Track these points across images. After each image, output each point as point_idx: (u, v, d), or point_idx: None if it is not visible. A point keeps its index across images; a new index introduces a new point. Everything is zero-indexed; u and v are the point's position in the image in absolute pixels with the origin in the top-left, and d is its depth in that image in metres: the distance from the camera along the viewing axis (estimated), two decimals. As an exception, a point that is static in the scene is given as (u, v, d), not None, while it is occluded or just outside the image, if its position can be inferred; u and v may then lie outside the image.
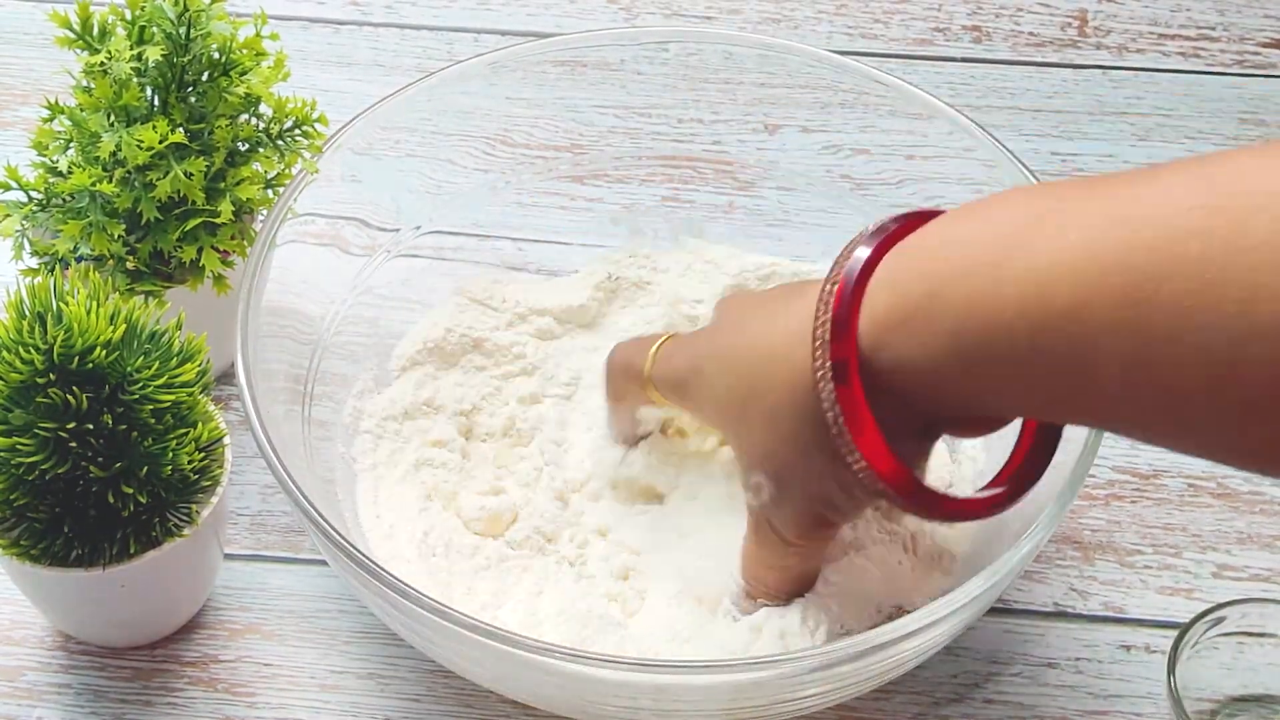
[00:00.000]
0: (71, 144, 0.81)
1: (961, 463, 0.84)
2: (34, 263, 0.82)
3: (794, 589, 0.75)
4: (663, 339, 0.78)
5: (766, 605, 0.75)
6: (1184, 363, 0.56)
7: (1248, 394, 0.55)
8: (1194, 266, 0.55)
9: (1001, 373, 0.61)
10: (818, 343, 0.65)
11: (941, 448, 0.83)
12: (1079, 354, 0.58)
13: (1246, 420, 0.56)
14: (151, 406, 0.72)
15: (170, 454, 0.73)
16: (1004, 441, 0.74)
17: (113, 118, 0.80)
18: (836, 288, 0.65)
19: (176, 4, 0.81)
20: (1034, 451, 0.70)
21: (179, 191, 0.81)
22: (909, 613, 0.71)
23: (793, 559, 0.74)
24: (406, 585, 0.69)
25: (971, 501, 0.69)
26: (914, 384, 0.64)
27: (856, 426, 0.65)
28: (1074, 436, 0.74)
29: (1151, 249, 0.56)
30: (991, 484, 0.70)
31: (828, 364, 0.64)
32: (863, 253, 0.66)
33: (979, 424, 0.69)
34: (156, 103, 0.82)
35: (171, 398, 0.73)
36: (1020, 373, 0.61)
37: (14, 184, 0.81)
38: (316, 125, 0.84)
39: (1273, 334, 0.53)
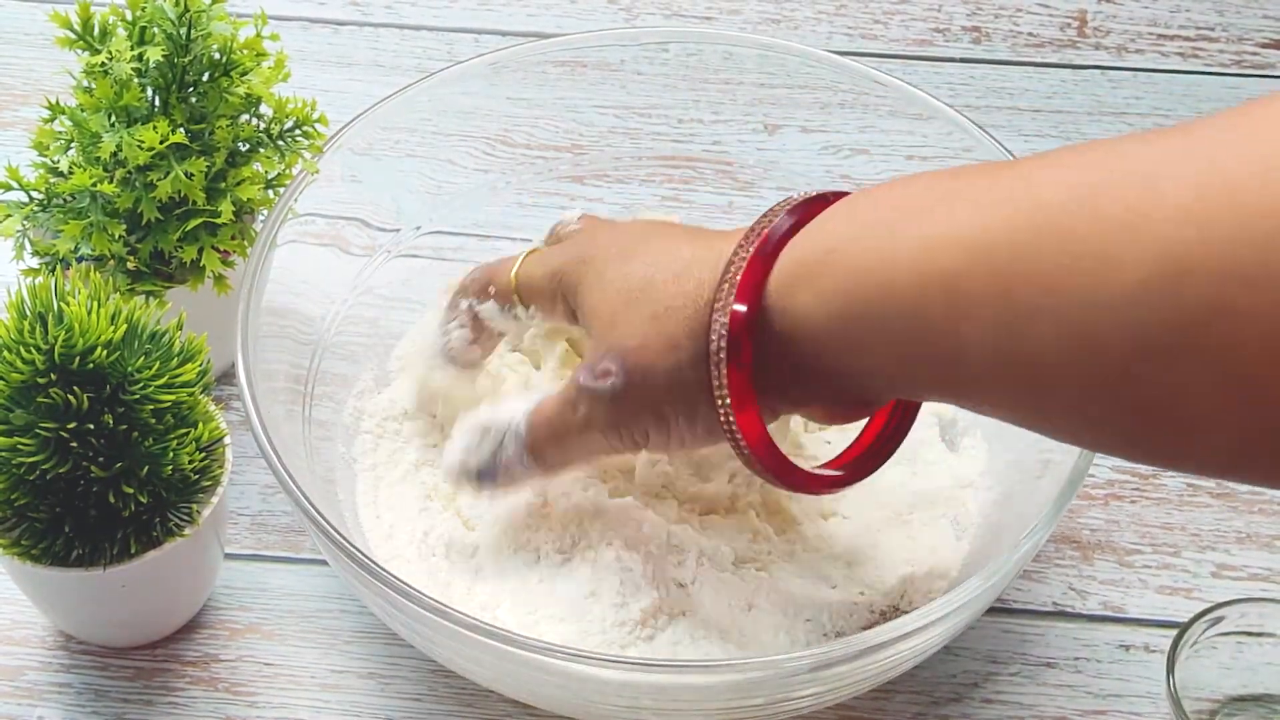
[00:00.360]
0: (72, 144, 0.81)
1: (962, 454, 0.84)
2: (35, 263, 0.82)
3: (561, 469, 0.76)
4: (530, 249, 0.79)
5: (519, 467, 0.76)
6: (1045, 336, 0.57)
7: (1102, 367, 0.56)
8: (1063, 242, 0.57)
9: (884, 338, 0.63)
10: (726, 280, 0.67)
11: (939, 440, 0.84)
12: (952, 323, 0.60)
13: (1098, 394, 0.57)
14: (152, 406, 0.73)
15: (171, 454, 0.73)
16: (1005, 438, 0.74)
17: (113, 118, 0.81)
18: (754, 249, 0.67)
19: (177, 4, 0.81)
20: (881, 435, 0.74)
21: (179, 192, 0.81)
22: (906, 613, 0.71)
23: (589, 448, 0.74)
24: (406, 585, 0.70)
25: (814, 478, 0.72)
26: (803, 345, 0.66)
27: (734, 374, 0.67)
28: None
29: (1032, 227, 0.58)
30: (833, 463, 0.73)
31: (724, 329, 0.66)
32: (785, 221, 0.68)
33: (844, 406, 0.70)
34: (157, 103, 0.82)
35: (172, 398, 0.73)
36: (900, 339, 0.63)
37: (15, 184, 0.81)
38: (317, 125, 0.84)
39: (1124, 303, 0.55)
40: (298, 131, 0.84)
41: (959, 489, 0.83)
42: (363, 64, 1.07)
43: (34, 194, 0.82)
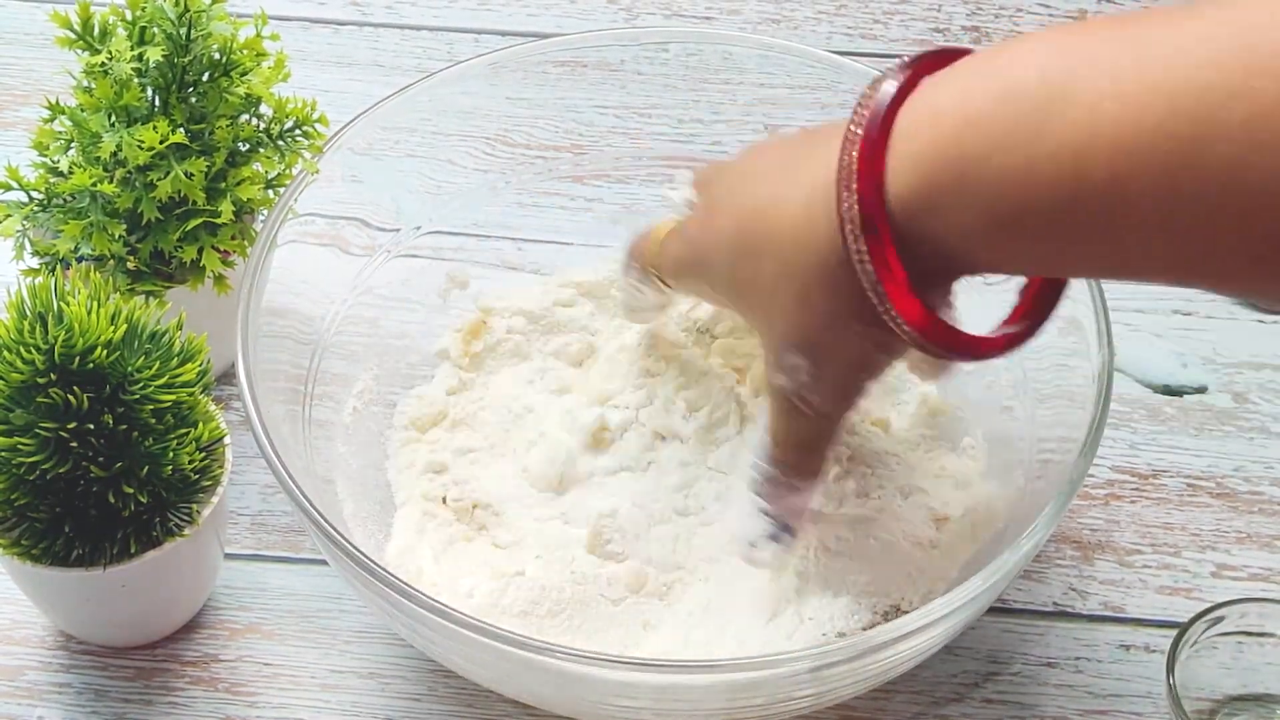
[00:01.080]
0: (72, 144, 0.81)
1: (962, 454, 0.84)
2: (35, 263, 0.82)
3: (820, 462, 0.75)
4: (665, 227, 0.78)
5: (796, 488, 0.75)
6: (1228, 223, 0.56)
7: None
8: (1240, 130, 0.55)
9: (1036, 244, 0.62)
10: (844, 218, 0.64)
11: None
12: (1119, 226, 0.59)
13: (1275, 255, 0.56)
14: (152, 406, 0.73)
15: (171, 454, 0.73)
16: (1005, 438, 0.74)
17: (113, 118, 0.81)
18: (858, 161, 0.64)
19: (177, 4, 0.81)
20: (1042, 290, 0.70)
21: (179, 191, 0.81)
22: (907, 612, 0.71)
23: (825, 431, 0.73)
24: (406, 585, 0.70)
25: (993, 340, 0.69)
26: (946, 252, 0.64)
27: (897, 296, 0.65)
28: (1073, 436, 0.74)
29: (1194, 117, 0.56)
30: (1006, 324, 0.70)
31: (862, 240, 0.64)
32: (884, 99, 0.64)
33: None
34: (157, 103, 0.82)
35: (172, 398, 0.73)
36: (1056, 243, 0.61)
37: (15, 184, 0.81)
38: (317, 125, 0.84)
39: None
40: (298, 131, 0.84)
41: (959, 489, 0.83)
42: (363, 64, 1.07)
43: (34, 194, 0.82)
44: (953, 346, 0.66)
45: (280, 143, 0.84)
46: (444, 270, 0.90)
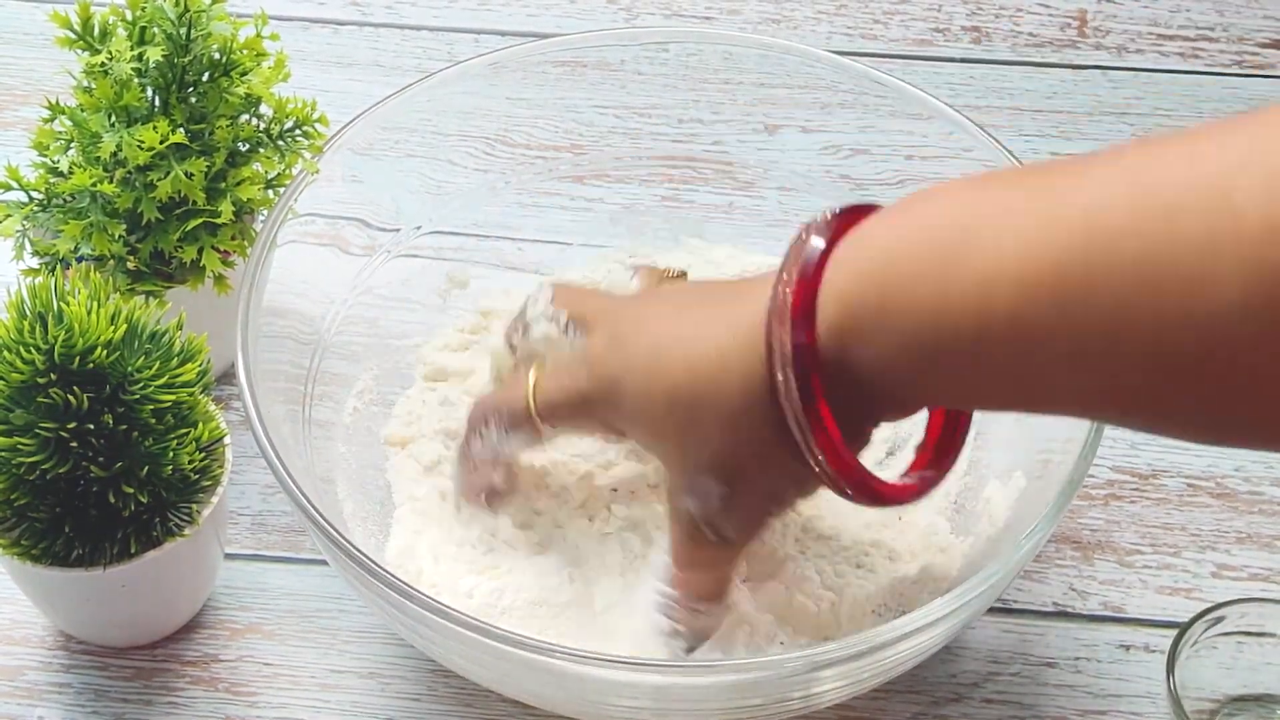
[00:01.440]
0: (72, 144, 0.81)
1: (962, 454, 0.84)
2: (35, 263, 0.82)
3: (726, 585, 0.75)
4: (534, 371, 0.77)
5: (700, 611, 0.75)
6: (1124, 357, 0.57)
7: (1185, 380, 0.56)
8: (1130, 268, 0.56)
9: (953, 375, 0.63)
10: (776, 350, 0.65)
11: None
12: (1023, 357, 0.60)
13: (1185, 400, 0.57)
14: (152, 406, 0.73)
15: (171, 454, 0.73)
16: (1006, 439, 0.74)
17: (113, 118, 0.80)
18: (790, 295, 0.65)
19: (177, 4, 0.81)
20: (947, 429, 0.72)
21: (179, 191, 0.81)
22: (906, 613, 0.71)
23: (729, 558, 0.74)
24: (406, 585, 0.69)
25: (905, 488, 0.71)
26: (868, 384, 0.65)
27: (819, 430, 0.66)
28: (1073, 436, 0.74)
29: (1086, 252, 0.57)
30: (914, 468, 0.72)
31: (790, 373, 0.65)
32: (814, 249, 0.66)
33: (906, 415, 0.70)
34: (157, 103, 0.82)
35: (172, 398, 0.73)
36: (970, 375, 0.62)
37: (15, 184, 0.81)
38: (317, 125, 0.84)
39: (1207, 322, 0.55)
40: (298, 131, 0.84)
41: (959, 489, 0.83)
42: (363, 64, 1.07)
43: (34, 194, 0.82)
44: (866, 493, 0.68)
45: (280, 143, 0.84)
46: (444, 270, 0.90)
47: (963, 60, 1.08)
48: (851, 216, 0.67)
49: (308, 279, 0.84)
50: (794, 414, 0.65)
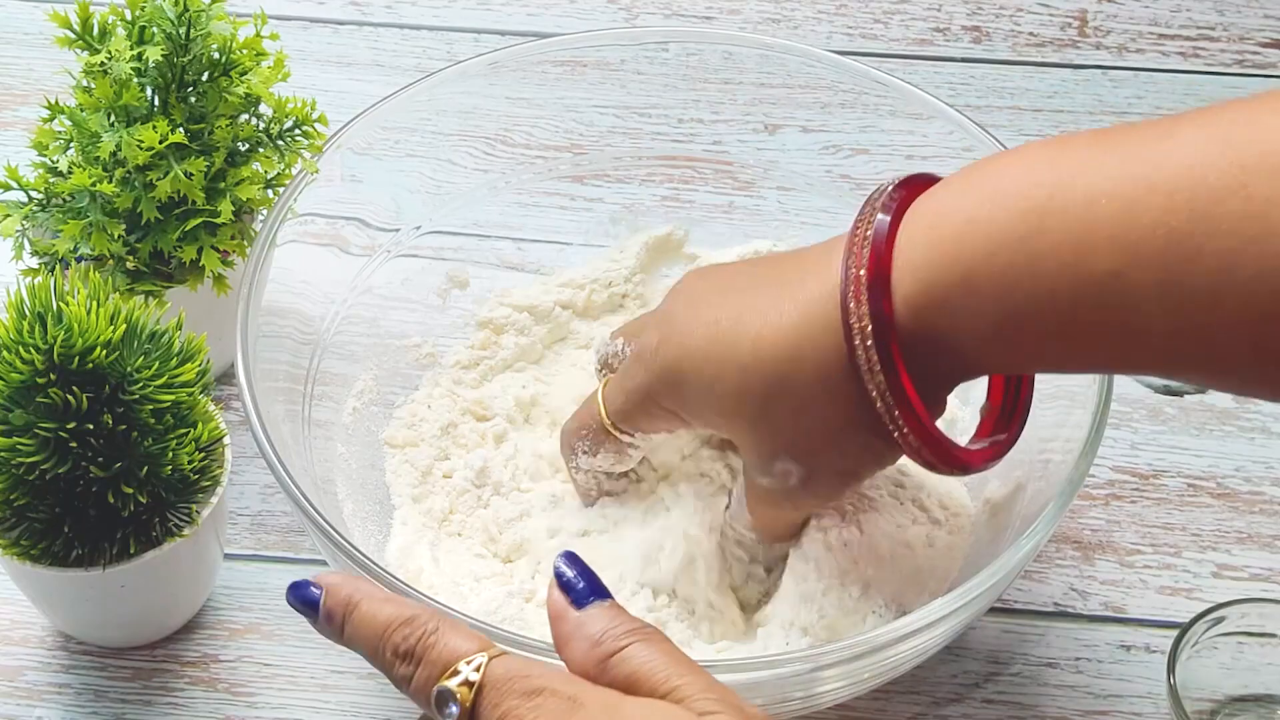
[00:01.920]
0: (71, 144, 0.81)
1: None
2: (34, 263, 0.82)
3: (797, 531, 0.76)
4: (601, 385, 0.77)
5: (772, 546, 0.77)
6: (1228, 316, 0.58)
7: None
8: (1235, 224, 0.57)
9: (1043, 341, 0.63)
10: (854, 327, 0.65)
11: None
12: (1121, 317, 0.60)
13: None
14: (151, 406, 0.72)
15: (170, 454, 0.73)
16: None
17: (113, 118, 0.80)
18: (865, 271, 0.65)
19: (176, 4, 0.81)
20: (1010, 392, 0.72)
21: (179, 191, 0.81)
22: (906, 613, 0.71)
23: (803, 519, 0.76)
24: (405, 585, 0.69)
25: (983, 453, 0.71)
26: (948, 353, 0.65)
27: (903, 404, 0.66)
28: (1074, 436, 0.74)
29: (1190, 211, 0.58)
30: (981, 434, 0.72)
31: (871, 348, 0.65)
32: (883, 225, 0.66)
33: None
34: (156, 103, 0.82)
35: (171, 398, 0.73)
36: (1063, 338, 0.62)
37: (14, 184, 0.81)
38: (316, 125, 0.84)
39: None
40: (297, 131, 0.84)
41: (959, 489, 0.82)
42: (363, 64, 1.07)
43: (33, 194, 0.82)
44: (950, 460, 0.68)
45: (280, 142, 0.84)
46: (444, 270, 0.90)
47: (963, 60, 1.08)
48: (914, 186, 0.67)
49: (307, 279, 0.84)
50: (877, 389, 0.66)
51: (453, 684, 0.59)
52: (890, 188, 0.68)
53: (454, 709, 0.59)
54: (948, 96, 1.04)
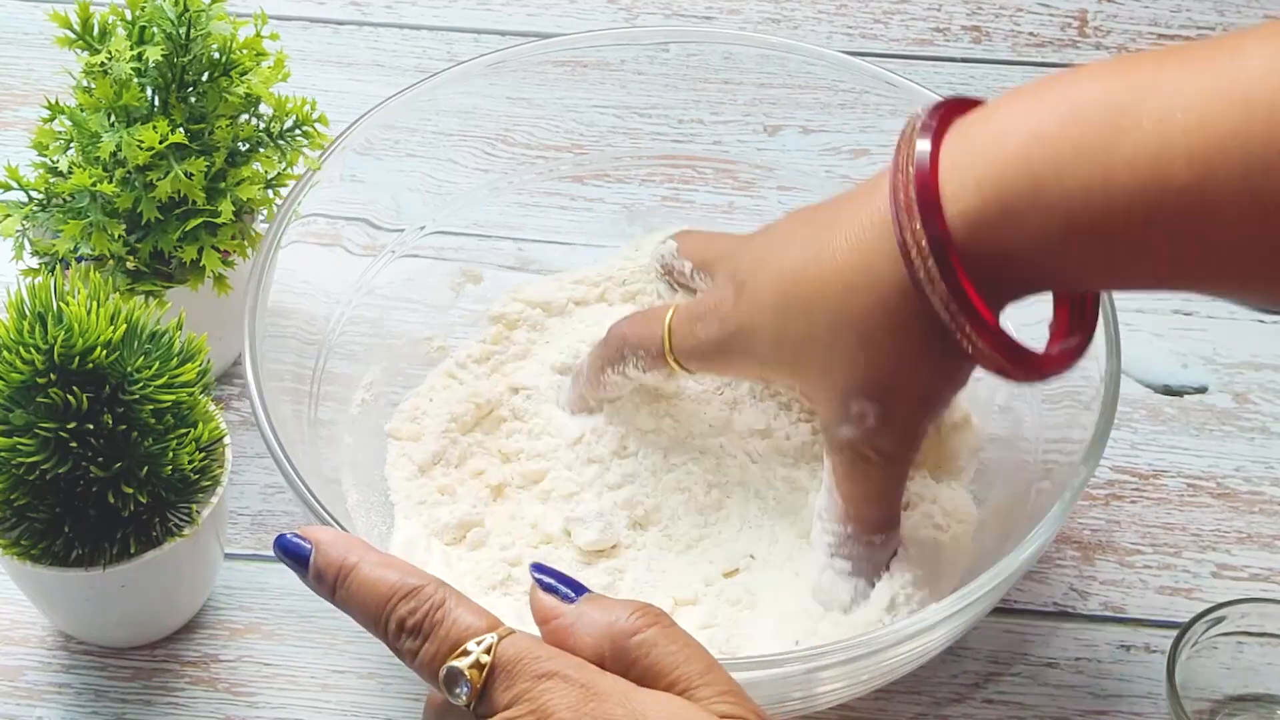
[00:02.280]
0: (72, 144, 0.81)
1: None
2: (34, 263, 0.82)
3: (895, 515, 0.75)
4: (671, 311, 0.77)
5: (875, 544, 0.75)
6: None
7: None
8: None
9: (1115, 251, 0.63)
10: (911, 244, 0.66)
11: None
12: (1199, 226, 0.61)
13: None
14: (152, 406, 0.72)
15: (170, 454, 0.73)
16: (1007, 439, 0.74)
17: (113, 118, 0.80)
18: (914, 189, 0.66)
19: (176, 4, 0.81)
20: (1075, 305, 0.72)
21: (179, 191, 0.81)
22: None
23: (897, 476, 0.74)
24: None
25: (1057, 357, 0.71)
26: (1015, 267, 0.65)
27: (968, 312, 0.66)
28: (1077, 437, 0.74)
29: (1267, 120, 0.59)
30: (1053, 342, 0.71)
31: (931, 262, 0.65)
32: (924, 147, 0.67)
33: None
34: (157, 103, 0.82)
35: (172, 398, 0.73)
36: (1135, 250, 0.63)
37: (14, 184, 0.81)
38: (316, 125, 0.84)
39: None
40: (297, 131, 0.84)
41: (960, 489, 0.82)
42: (363, 64, 1.07)
43: (33, 194, 0.82)
44: (1023, 364, 0.68)
45: (280, 142, 0.84)
46: (446, 270, 0.90)
47: (963, 60, 1.08)
48: (952, 107, 0.68)
49: (311, 279, 0.84)
50: (941, 300, 0.66)
51: (463, 665, 0.58)
52: (925, 113, 0.68)
53: (464, 690, 0.57)
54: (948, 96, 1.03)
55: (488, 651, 0.57)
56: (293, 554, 0.62)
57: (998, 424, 0.83)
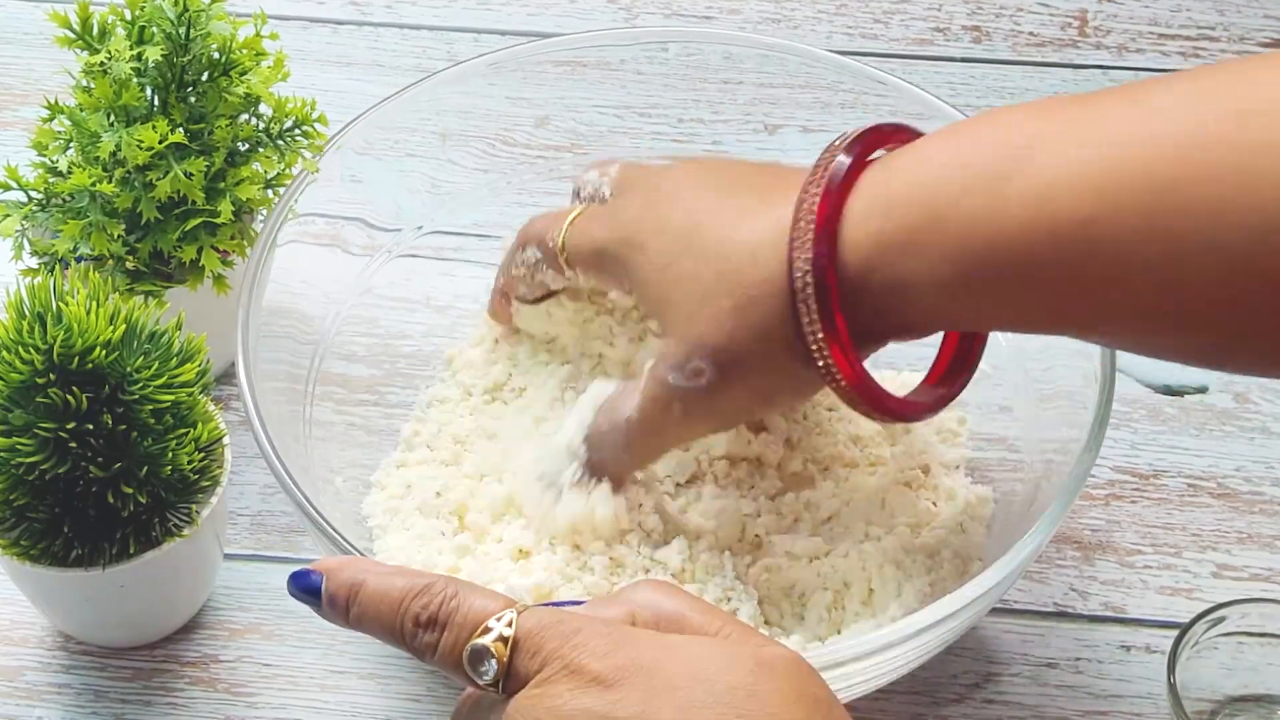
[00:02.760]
0: (71, 144, 0.81)
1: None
2: (34, 263, 0.82)
3: (656, 457, 0.76)
4: (576, 211, 0.78)
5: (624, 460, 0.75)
6: (1212, 267, 0.58)
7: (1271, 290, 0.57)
8: (1224, 171, 0.57)
9: (1006, 289, 0.63)
10: (798, 255, 0.66)
11: None
12: (1095, 268, 0.60)
13: (1256, 315, 0.58)
14: (151, 406, 0.72)
15: (170, 454, 0.73)
16: (1007, 439, 0.74)
17: (113, 118, 0.80)
18: (819, 201, 0.66)
19: (176, 4, 0.81)
20: (961, 349, 0.73)
21: (179, 191, 0.81)
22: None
23: (683, 437, 0.75)
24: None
25: (918, 404, 0.72)
26: (906, 303, 0.65)
27: (831, 337, 0.66)
28: (1075, 436, 0.74)
29: (1177, 159, 0.58)
30: (925, 384, 0.73)
31: (809, 278, 0.66)
32: (842, 162, 0.67)
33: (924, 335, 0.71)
34: (156, 103, 0.82)
35: (171, 398, 0.73)
36: (1025, 288, 0.62)
37: (14, 184, 0.81)
38: (316, 125, 0.84)
39: None
40: (297, 131, 0.84)
41: (961, 490, 0.82)
42: (363, 64, 1.07)
43: (33, 194, 0.82)
44: (873, 402, 0.69)
45: (280, 142, 0.84)
46: (444, 269, 0.90)
47: (963, 60, 1.08)
48: (879, 135, 0.68)
49: (308, 279, 0.84)
50: (809, 317, 0.66)
51: (487, 641, 0.57)
52: (853, 135, 0.68)
53: (491, 666, 0.56)
54: (948, 96, 1.03)
55: (509, 625, 0.57)
56: (305, 587, 0.62)
57: (997, 424, 0.83)
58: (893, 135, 0.69)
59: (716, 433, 0.75)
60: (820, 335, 0.67)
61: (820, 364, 0.67)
